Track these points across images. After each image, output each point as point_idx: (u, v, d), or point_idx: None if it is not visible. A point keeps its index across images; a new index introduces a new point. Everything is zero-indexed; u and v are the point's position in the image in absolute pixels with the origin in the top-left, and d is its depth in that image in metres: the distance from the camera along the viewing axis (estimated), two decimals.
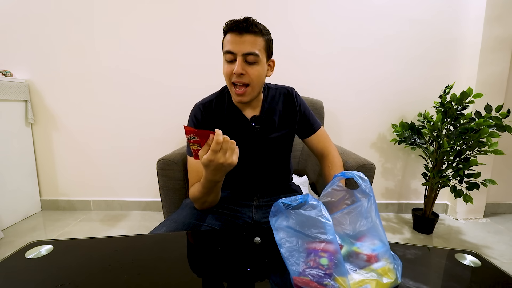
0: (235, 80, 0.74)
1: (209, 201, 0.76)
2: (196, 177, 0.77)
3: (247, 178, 0.87)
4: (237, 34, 0.71)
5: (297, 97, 0.90)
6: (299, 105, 0.89)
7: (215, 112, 0.84)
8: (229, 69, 0.74)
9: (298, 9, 1.66)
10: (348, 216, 0.47)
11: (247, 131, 0.83)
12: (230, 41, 0.72)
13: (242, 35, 0.71)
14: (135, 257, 0.53)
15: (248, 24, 0.71)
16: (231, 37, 0.72)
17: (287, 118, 0.88)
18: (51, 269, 0.49)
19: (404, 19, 1.68)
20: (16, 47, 1.67)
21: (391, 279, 0.42)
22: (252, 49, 0.72)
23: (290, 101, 0.88)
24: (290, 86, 0.91)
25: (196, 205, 0.78)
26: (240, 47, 0.71)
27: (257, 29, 0.72)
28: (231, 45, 0.72)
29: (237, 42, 0.71)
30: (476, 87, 1.65)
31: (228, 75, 0.75)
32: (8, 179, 1.59)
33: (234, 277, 0.47)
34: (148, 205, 1.86)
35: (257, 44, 0.73)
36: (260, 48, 0.73)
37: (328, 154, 0.91)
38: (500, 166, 1.84)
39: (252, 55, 0.72)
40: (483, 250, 1.45)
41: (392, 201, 1.92)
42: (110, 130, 1.77)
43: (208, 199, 0.75)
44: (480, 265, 0.51)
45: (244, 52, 0.71)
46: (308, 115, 0.91)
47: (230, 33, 0.72)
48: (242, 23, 0.71)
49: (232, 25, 0.72)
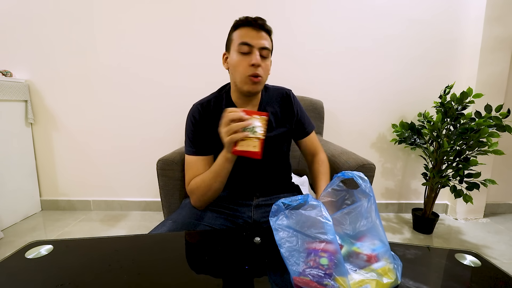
0: (253, 72, 0.76)
1: (213, 189, 0.75)
2: (194, 174, 0.79)
3: (246, 178, 0.88)
4: (254, 29, 0.76)
5: (294, 99, 0.91)
6: (296, 107, 0.91)
7: (213, 111, 0.84)
8: (245, 62, 0.76)
9: (298, 8, 1.66)
10: (348, 216, 0.47)
11: None
12: (248, 35, 0.76)
13: (259, 31, 0.76)
14: (135, 257, 0.53)
15: (264, 22, 0.77)
16: (248, 31, 0.76)
17: (284, 118, 0.89)
18: (51, 269, 0.49)
19: (404, 19, 1.68)
20: (16, 47, 1.67)
21: (391, 279, 0.42)
22: (268, 45, 0.77)
23: (287, 102, 0.90)
24: (287, 88, 0.93)
25: (195, 197, 0.77)
26: (258, 41, 0.75)
27: (269, 28, 0.78)
28: (249, 38, 0.75)
29: (255, 36, 0.75)
30: (476, 87, 1.65)
31: (244, 66, 0.76)
32: (8, 179, 1.59)
33: (234, 277, 0.47)
34: (148, 205, 1.86)
35: (269, 40, 0.79)
36: (270, 45, 0.79)
37: (318, 153, 0.94)
38: (500, 166, 1.84)
39: (266, 49, 0.77)
40: (483, 250, 1.45)
41: (392, 201, 1.92)
42: (110, 130, 1.77)
43: (213, 186, 0.75)
44: (480, 265, 0.51)
45: (261, 46, 0.76)
46: (303, 118, 0.92)
47: (246, 28, 0.76)
48: (258, 20, 0.76)
49: (249, 20, 0.76)
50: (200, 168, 0.79)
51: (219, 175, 0.73)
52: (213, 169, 0.74)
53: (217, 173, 0.73)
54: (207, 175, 0.76)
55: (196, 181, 0.77)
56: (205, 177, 0.76)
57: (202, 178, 0.76)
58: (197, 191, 0.77)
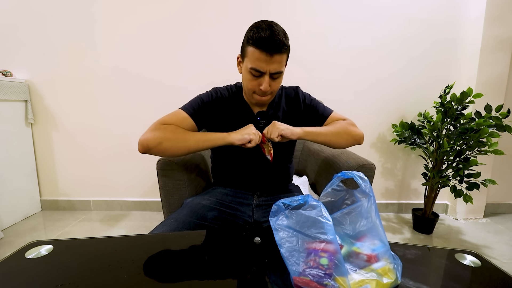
0: (260, 94, 0.78)
1: (184, 145, 0.76)
2: (173, 122, 0.79)
3: (248, 175, 0.88)
4: (267, 54, 0.71)
5: (300, 92, 0.93)
6: (303, 99, 0.92)
7: (227, 101, 0.87)
8: (254, 83, 0.76)
9: (298, 8, 1.66)
10: (348, 216, 0.47)
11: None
12: (259, 59, 0.72)
13: (272, 55, 0.71)
14: (135, 257, 0.53)
15: (279, 46, 0.70)
16: (261, 55, 0.71)
17: (291, 117, 0.90)
18: (51, 269, 0.49)
19: (404, 19, 1.68)
20: (16, 47, 1.67)
21: (391, 279, 0.42)
22: (280, 69, 0.74)
23: (294, 99, 0.91)
24: (295, 85, 0.95)
25: (164, 136, 0.74)
26: (269, 67, 0.73)
27: (285, 47, 0.73)
28: (259, 64, 0.72)
29: (267, 61, 0.72)
30: (476, 87, 1.65)
31: (252, 86, 0.77)
32: (8, 179, 1.59)
33: (234, 277, 0.47)
34: (148, 205, 1.86)
35: (283, 61, 0.75)
36: (284, 63, 0.76)
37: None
38: (500, 166, 1.84)
39: (278, 73, 0.75)
40: (483, 250, 1.45)
41: (392, 201, 1.91)
42: (110, 130, 1.77)
43: (189, 144, 0.76)
44: (480, 265, 0.51)
45: (272, 71, 0.73)
46: (316, 105, 0.93)
47: (259, 50, 0.71)
48: (272, 43, 0.69)
49: (261, 43, 0.70)
50: (183, 124, 0.80)
51: (204, 141, 0.76)
52: (205, 134, 0.79)
53: (206, 139, 0.76)
54: (192, 132, 0.79)
55: (177, 129, 0.77)
56: (189, 132, 0.78)
57: (184, 131, 0.78)
58: (171, 135, 0.75)
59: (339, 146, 0.89)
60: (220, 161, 0.94)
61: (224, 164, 0.92)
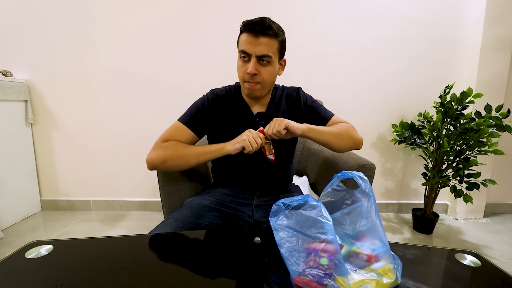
0: (248, 79, 0.77)
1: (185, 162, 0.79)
2: (172, 137, 0.82)
3: (248, 175, 0.88)
4: (253, 36, 0.73)
5: (301, 93, 0.93)
6: (304, 101, 0.92)
7: (225, 102, 0.87)
8: (243, 68, 0.77)
9: (298, 8, 1.66)
10: (348, 216, 0.47)
11: (251, 126, 0.84)
12: (246, 42, 0.74)
13: (257, 37, 0.73)
14: (135, 257, 0.53)
15: (264, 27, 0.72)
16: (247, 37, 0.74)
17: (291, 117, 0.88)
18: (51, 269, 0.49)
19: (404, 19, 1.68)
20: (16, 47, 1.66)
21: (391, 279, 0.42)
22: (266, 52, 0.74)
23: (295, 100, 0.91)
24: (296, 86, 0.94)
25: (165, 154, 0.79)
26: (255, 49, 0.74)
27: (272, 32, 0.74)
28: (246, 46, 0.74)
29: (253, 43, 0.73)
30: (476, 87, 1.65)
31: (242, 73, 0.78)
32: (8, 179, 1.59)
33: (234, 277, 0.47)
34: (148, 205, 1.86)
35: (271, 46, 0.75)
36: (273, 50, 0.76)
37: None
38: (500, 166, 1.84)
39: (265, 57, 0.75)
40: (483, 250, 1.45)
41: (392, 201, 1.91)
42: (110, 130, 1.77)
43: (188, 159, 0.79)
44: (480, 265, 0.51)
45: (258, 54, 0.74)
46: (318, 108, 0.93)
47: (246, 33, 0.74)
48: (258, 25, 0.72)
49: (248, 26, 0.73)
50: (182, 137, 0.82)
51: (203, 154, 0.78)
52: (203, 148, 0.79)
53: (204, 152, 0.78)
54: (191, 147, 0.80)
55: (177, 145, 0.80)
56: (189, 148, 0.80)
57: (184, 146, 0.80)
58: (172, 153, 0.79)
59: (339, 148, 0.88)
60: (220, 161, 0.94)
61: (224, 164, 0.92)
